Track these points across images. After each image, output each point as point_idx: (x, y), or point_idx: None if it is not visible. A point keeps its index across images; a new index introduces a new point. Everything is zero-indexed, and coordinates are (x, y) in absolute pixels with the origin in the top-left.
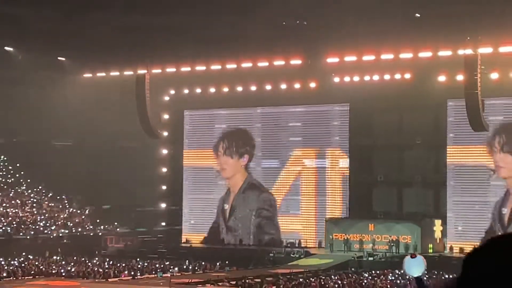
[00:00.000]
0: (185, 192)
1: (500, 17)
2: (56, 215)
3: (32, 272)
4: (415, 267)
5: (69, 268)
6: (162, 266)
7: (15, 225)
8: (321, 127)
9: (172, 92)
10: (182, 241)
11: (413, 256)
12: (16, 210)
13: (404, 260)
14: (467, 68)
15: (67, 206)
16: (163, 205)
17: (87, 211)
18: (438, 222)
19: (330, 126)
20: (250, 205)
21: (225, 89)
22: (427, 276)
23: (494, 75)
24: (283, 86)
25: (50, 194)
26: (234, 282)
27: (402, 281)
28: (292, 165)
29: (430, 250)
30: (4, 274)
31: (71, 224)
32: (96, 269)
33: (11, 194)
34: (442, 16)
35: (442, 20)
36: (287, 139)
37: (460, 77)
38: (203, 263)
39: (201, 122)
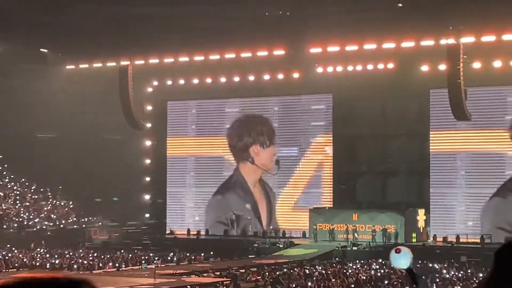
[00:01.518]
0: (169, 183)
1: (482, 7)
2: (39, 207)
3: (16, 264)
4: (402, 260)
5: (53, 261)
6: (146, 257)
7: None
8: (305, 116)
9: (155, 83)
10: (167, 232)
11: (397, 251)
12: None
13: (390, 255)
14: (450, 58)
15: (51, 198)
16: (147, 197)
17: (71, 203)
18: (421, 212)
19: (314, 115)
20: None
21: (208, 80)
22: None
23: (477, 65)
24: (267, 77)
25: (34, 187)
26: (218, 273)
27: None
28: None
29: (414, 239)
30: None
31: (55, 217)
32: (80, 261)
33: None
34: (425, 6)
35: (425, 10)
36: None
37: (442, 67)
38: (187, 254)
39: (185, 113)
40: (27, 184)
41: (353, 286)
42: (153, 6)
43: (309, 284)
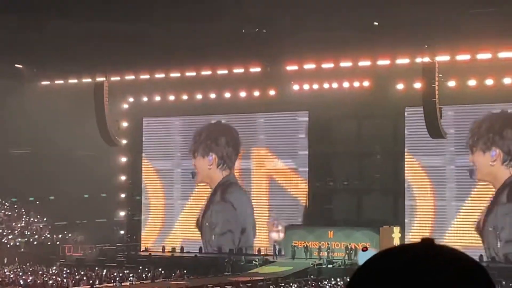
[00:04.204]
0: (144, 200)
1: (457, 26)
2: (13, 223)
3: None
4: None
5: (25, 278)
6: (121, 274)
7: None
8: (281, 134)
9: (131, 99)
10: (141, 249)
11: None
12: None
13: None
14: (425, 76)
15: (24, 215)
16: (122, 213)
17: (45, 219)
18: (396, 229)
19: (290, 133)
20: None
21: (184, 97)
22: None
23: (452, 83)
24: (243, 94)
25: (7, 203)
26: None
27: None
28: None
29: None
30: None
31: (29, 233)
32: (54, 278)
33: None
34: (400, 25)
35: (400, 29)
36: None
37: (418, 85)
38: (162, 271)
39: (160, 130)
40: (0, 200)
41: None
42: (128, 23)
43: None
